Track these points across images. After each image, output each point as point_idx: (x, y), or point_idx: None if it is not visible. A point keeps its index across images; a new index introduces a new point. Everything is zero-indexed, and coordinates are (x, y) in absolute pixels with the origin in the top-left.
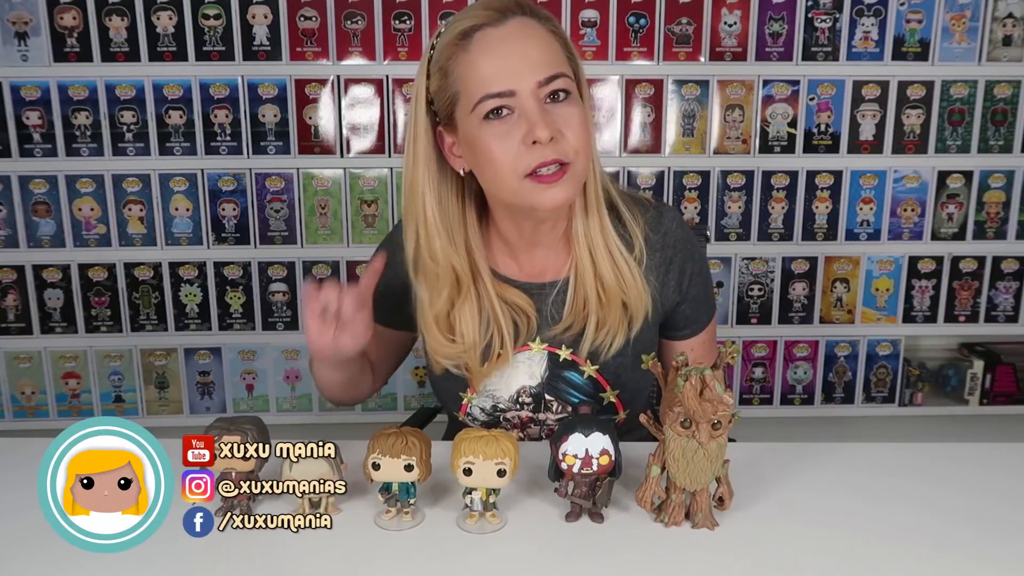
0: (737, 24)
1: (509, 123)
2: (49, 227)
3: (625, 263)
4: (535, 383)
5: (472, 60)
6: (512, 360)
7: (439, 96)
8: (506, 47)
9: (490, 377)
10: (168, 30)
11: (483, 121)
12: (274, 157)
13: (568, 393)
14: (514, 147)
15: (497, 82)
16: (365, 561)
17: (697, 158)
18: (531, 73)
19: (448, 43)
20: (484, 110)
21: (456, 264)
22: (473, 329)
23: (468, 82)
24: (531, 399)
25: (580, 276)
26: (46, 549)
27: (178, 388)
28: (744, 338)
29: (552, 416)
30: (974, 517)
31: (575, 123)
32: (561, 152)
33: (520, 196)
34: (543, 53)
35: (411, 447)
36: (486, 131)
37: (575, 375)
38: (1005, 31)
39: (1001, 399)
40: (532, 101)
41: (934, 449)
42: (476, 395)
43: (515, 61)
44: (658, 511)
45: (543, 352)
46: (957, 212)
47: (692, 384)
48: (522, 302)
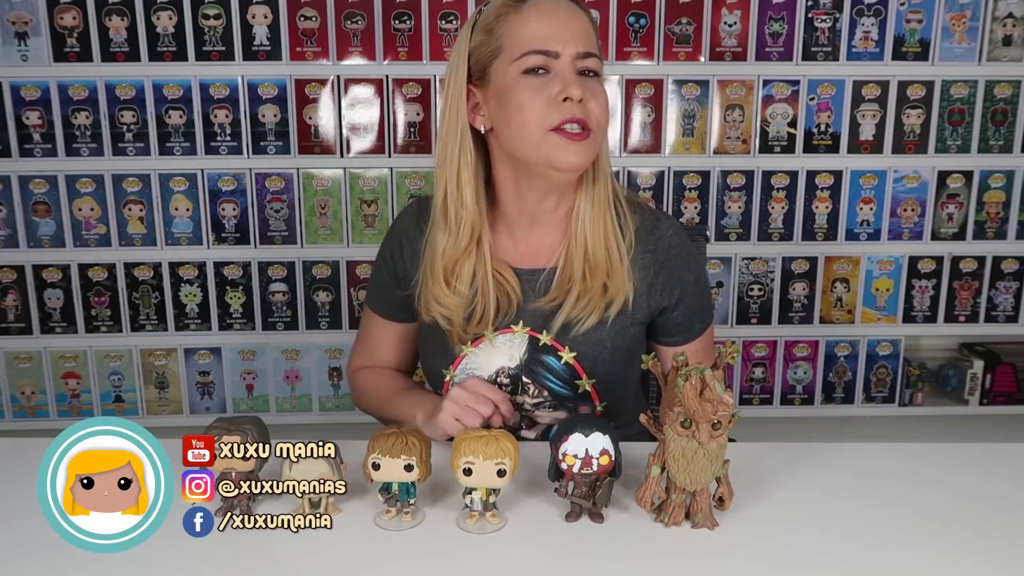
0: (737, 24)
1: (545, 80)
2: (49, 227)
3: (616, 247)
4: (514, 365)
5: (523, 19)
6: (493, 340)
7: (477, 51)
8: (557, 14)
9: (472, 354)
10: (168, 30)
11: (522, 75)
12: (274, 157)
13: (544, 377)
14: (545, 100)
15: (546, 41)
16: (365, 561)
17: (697, 158)
18: (574, 43)
19: (499, 5)
20: (526, 64)
21: (475, 218)
22: (466, 285)
23: (516, 37)
24: (509, 380)
25: (570, 254)
26: (46, 549)
27: (178, 388)
28: (744, 338)
29: (529, 399)
30: (974, 517)
31: (600, 98)
32: (587, 114)
33: (541, 150)
34: (585, 31)
35: (411, 447)
36: (522, 82)
37: (552, 360)
38: (1005, 31)
39: (1001, 399)
40: (569, 66)
41: (934, 449)
42: (457, 372)
43: (563, 27)
44: (658, 511)
45: (524, 335)
46: (957, 212)
47: (692, 384)
48: (511, 283)
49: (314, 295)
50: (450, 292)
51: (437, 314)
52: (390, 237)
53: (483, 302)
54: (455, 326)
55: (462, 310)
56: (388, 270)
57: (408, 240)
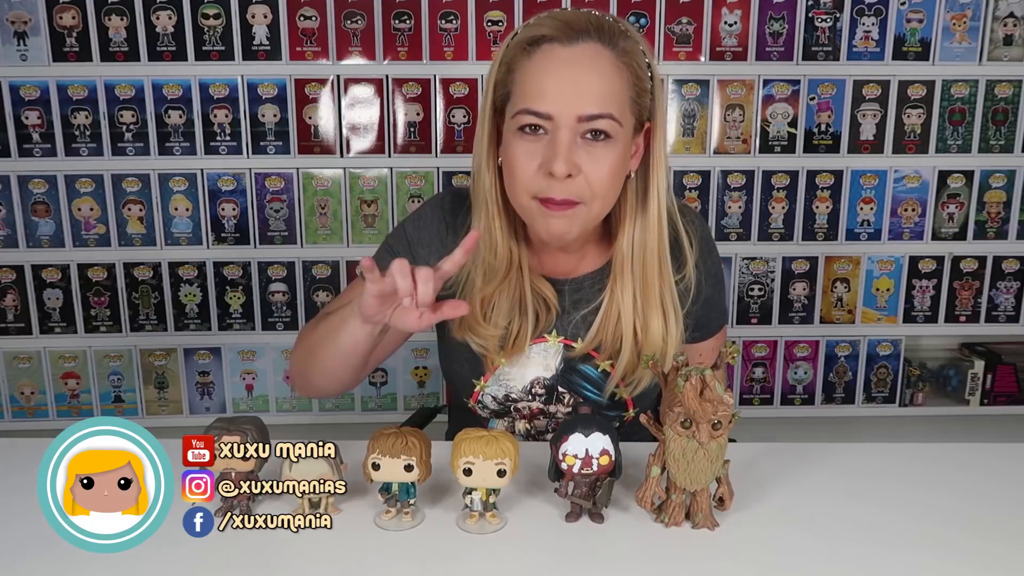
0: (737, 24)
1: (541, 142)
2: (48, 227)
3: (674, 313)
4: (549, 375)
5: (529, 70)
6: (528, 351)
7: (499, 87)
8: (563, 70)
9: (505, 365)
10: (168, 30)
11: (518, 131)
12: (274, 157)
13: (581, 386)
14: (534, 167)
15: (540, 101)
16: (365, 561)
17: (697, 158)
18: (576, 105)
19: (516, 44)
20: (519, 122)
21: (512, 248)
22: (505, 313)
23: (519, 88)
24: (544, 391)
25: (614, 298)
26: (45, 550)
27: (178, 388)
28: (744, 338)
29: (563, 409)
30: (974, 517)
31: (603, 167)
32: (574, 192)
33: (527, 214)
34: (599, 87)
35: (411, 447)
36: (517, 141)
37: (589, 368)
38: (1006, 31)
39: (1002, 399)
40: (567, 131)
41: (934, 449)
42: (489, 383)
43: (565, 88)
44: (658, 511)
45: (558, 345)
46: (958, 212)
47: (692, 384)
48: (548, 292)
49: (314, 295)
50: (486, 324)
51: (471, 340)
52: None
53: (518, 324)
54: (489, 351)
55: (497, 340)
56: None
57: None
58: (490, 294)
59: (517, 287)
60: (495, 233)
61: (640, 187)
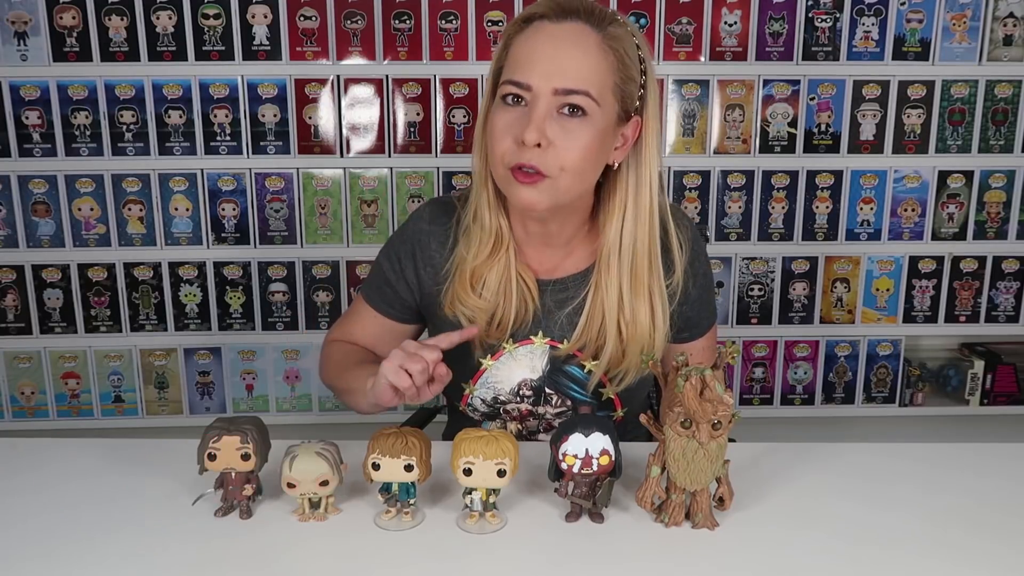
0: (737, 24)
1: (518, 113)
2: (48, 227)
3: (661, 308)
4: (536, 376)
5: (518, 43)
6: (512, 350)
7: (497, 62)
8: (546, 44)
9: (492, 368)
10: (168, 30)
11: (500, 100)
12: (274, 157)
13: (568, 387)
14: (511, 137)
15: (521, 72)
16: (365, 561)
17: (697, 158)
18: (554, 78)
19: (515, 21)
20: (503, 91)
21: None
22: (493, 290)
23: (509, 61)
24: (531, 392)
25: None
26: (45, 550)
27: (178, 388)
28: (744, 338)
29: (551, 410)
30: (974, 517)
31: (575, 141)
32: (543, 162)
33: (502, 183)
34: (579, 64)
35: (411, 447)
36: (499, 110)
37: (575, 369)
38: (1006, 31)
39: (1002, 399)
40: (543, 103)
41: (934, 449)
42: (477, 386)
43: (546, 60)
44: (658, 511)
45: (544, 346)
46: (958, 212)
47: (692, 384)
48: (531, 291)
49: (314, 295)
50: (475, 296)
51: (460, 313)
52: (402, 241)
53: (504, 307)
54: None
55: (486, 313)
56: (395, 271)
57: (421, 248)
58: (480, 267)
59: (505, 268)
60: (483, 207)
61: (632, 181)
